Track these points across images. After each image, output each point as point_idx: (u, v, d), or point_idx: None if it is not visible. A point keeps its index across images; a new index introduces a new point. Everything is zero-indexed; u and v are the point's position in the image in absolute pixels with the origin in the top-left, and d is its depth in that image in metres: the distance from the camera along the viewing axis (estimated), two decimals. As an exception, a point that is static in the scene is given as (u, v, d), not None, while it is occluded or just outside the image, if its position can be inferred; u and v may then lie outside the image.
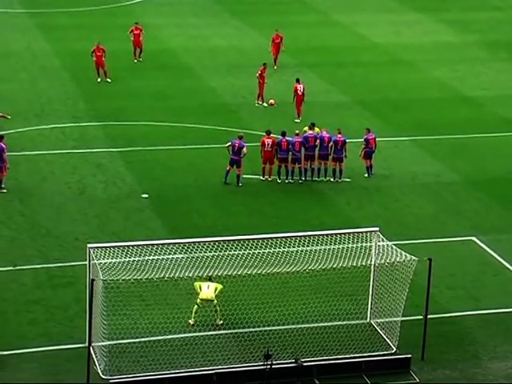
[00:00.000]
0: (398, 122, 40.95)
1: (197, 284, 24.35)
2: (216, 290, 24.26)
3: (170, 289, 25.03)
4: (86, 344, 22.45)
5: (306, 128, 35.18)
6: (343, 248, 24.18)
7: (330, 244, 24.28)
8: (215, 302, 24.32)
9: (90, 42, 46.10)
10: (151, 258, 23.59)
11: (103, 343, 22.61)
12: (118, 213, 31.30)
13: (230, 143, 33.66)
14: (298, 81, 40.37)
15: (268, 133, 34.42)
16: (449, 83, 46.74)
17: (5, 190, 32.24)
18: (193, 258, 23.92)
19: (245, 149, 33.45)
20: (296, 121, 38.76)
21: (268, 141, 34.07)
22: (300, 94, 39.75)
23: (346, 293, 25.65)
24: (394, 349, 23.79)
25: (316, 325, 24.53)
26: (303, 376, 22.59)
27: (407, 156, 37.39)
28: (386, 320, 24.25)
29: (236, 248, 23.80)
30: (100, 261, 22.63)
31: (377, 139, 35.07)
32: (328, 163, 34.43)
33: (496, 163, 36.95)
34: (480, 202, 33.35)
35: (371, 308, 24.84)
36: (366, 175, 34.76)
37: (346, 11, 59.92)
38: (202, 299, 24.24)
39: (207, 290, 24.18)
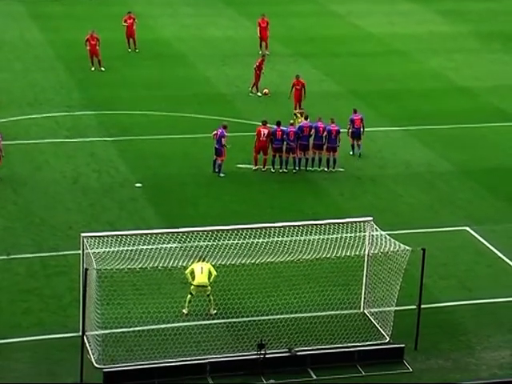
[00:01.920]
0: (392, 112, 40.95)
1: (188, 270, 24.20)
2: (210, 274, 24.16)
3: (163, 278, 25.03)
4: (80, 333, 22.43)
5: (300, 119, 35.27)
6: (337, 238, 24.18)
7: (324, 234, 24.29)
8: (209, 288, 24.29)
9: (83, 32, 45.97)
10: (145, 247, 23.58)
11: (97, 332, 22.61)
12: (112, 202, 31.27)
13: (214, 132, 33.64)
14: (297, 77, 39.74)
15: (264, 123, 34.37)
16: (443, 73, 46.75)
17: None
18: (186, 247, 23.92)
19: (223, 139, 33.15)
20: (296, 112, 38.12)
21: (264, 131, 34.02)
22: (298, 89, 39.10)
23: (340, 282, 25.68)
24: (388, 338, 23.83)
25: (309, 314, 24.56)
26: (297, 365, 22.62)
27: (401, 146, 37.40)
28: (380, 310, 24.29)
29: (230, 237, 23.79)
30: (94, 250, 22.61)
31: (364, 122, 35.27)
32: (322, 153, 34.45)
33: (490, 153, 36.98)
34: (474, 192, 33.39)
35: (365, 298, 24.87)
36: (351, 153, 34.82)
37: (341, 1, 59.82)
38: (196, 285, 24.16)
39: (201, 275, 24.08)
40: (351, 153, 35.38)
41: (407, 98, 43.08)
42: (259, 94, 41.77)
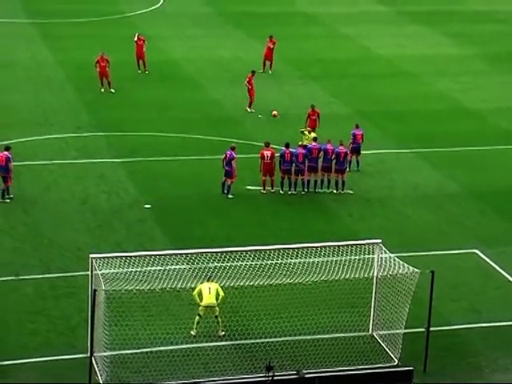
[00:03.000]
0: (399, 134, 40.99)
1: (196, 291, 24.20)
2: (218, 295, 24.17)
3: (171, 299, 25.02)
4: (88, 354, 22.44)
5: (310, 135, 35.40)
6: (345, 260, 24.18)
7: (332, 256, 24.28)
8: (217, 309, 24.28)
9: (93, 53, 46.19)
10: (153, 268, 23.59)
11: (105, 353, 22.59)
12: (121, 223, 31.32)
13: (224, 154, 33.74)
14: (313, 107, 39.02)
15: (267, 144, 34.45)
16: (451, 95, 46.80)
17: (10, 198, 32.30)
18: (195, 268, 23.94)
19: (233, 161, 33.23)
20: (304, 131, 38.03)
21: (267, 153, 34.07)
22: (313, 119, 38.58)
23: (348, 304, 25.63)
24: (396, 361, 23.76)
25: (318, 336, 24.51)
26: (305, 388, 22.56)
27: (409, 168, 37.41)
28: (388, 332, 24.23)
29: (238, 259, 23.79)
30: (102, 271, 22.64)
31: (364, 135, 35.76)
32: (331, 175, 34.48)
33: (498, 175, 36.97)
34: (482, 214, 33.34)
35: (373, 320, 24.82)
36: (348, 169, 34.86)
37: (350, 23, 60.03)
38: (204, 306, 24.16)
39: (209, 295, 24.08)
40: (348, 169, 35.04)
41: (415, 119, 43.13)
42: (260, 115, 41.87)
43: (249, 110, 42.56)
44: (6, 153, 32.69)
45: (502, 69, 51.87)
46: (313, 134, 35.86)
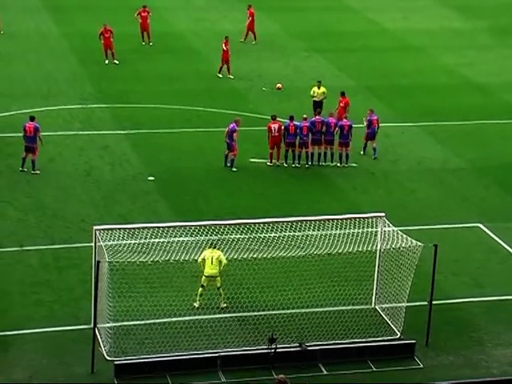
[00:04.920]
0: (405, 108, 40.84)
1: (200, 258, 24.15)
2: (220, 263, 24.19)
3: (175, 271, 25.06)
4: (91, 325, 22.52)
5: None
6: (349, 233, 24.17)
7: (336, 229, 24.27)
8: (219, 279, 24.29)
9: (97, 24, 46.01)
10: (157, 240, 23.62)
11: (108, 325, 22.67)
12: (125, 195, 31.33)
13: (227, 127, 33.65)
14: (343, 94, 37.20)
15: (273, 118, 34.36)
16: (457, 69, 46.58)
17: (38, 171, 32.35)
18: (198, 241, 23.95)
19: (234, 134, 33.07)
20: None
21: (274, 126, 34.00)
22: (342, 106, 36.73)
23: (351, 278, 25.66)
24: (399, 334, 23.81)
25: (321, 309, 24.55)
26: (307, 360, 22.63)
27: (414, 142, 37.31)
28: (391, 305, 24.26)
29: (242, 232, 23.81)
30: (106, 243, 22.66)
31: (380, 122, 35.03)
32: (334, 148, 34.41)
33: (504, 150, 36.84)
34: (487, 189, 33.28)
35: (376, 293, 24.85)
36: (362, 152, 34.61)
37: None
38: (206, 276, 24.21)
39: (211, 265, 24.10)
40: (362, 152, 34.99)
41: (421, 93, 42.95)
42: (231, 76, 42.21)
43: (219, 75, 42.91)
44: (32, 123, 32.54)
45: (508, 42, 51.57)
46: (322, 89, 37.17)
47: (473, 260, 28.18)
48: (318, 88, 37.96)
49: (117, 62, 44.53)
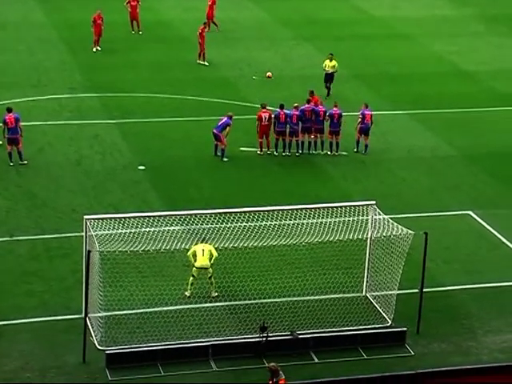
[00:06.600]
0: (395, 96, 40.86)
1: (190, 252, 24.23)
2: (211, 256, 24.21)
3: (166, 261, 25.06)
4: (83, 315, 22.49)
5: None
6: (339, 221, 24.19)
7: (327, 217, 24.29)
8: (211, 270, 24.33)
9: (86, 13, 45.92)
10: (148, 229, 23.60)
11: (99, 314, 22.66)
12: (115, 184, 31.27)
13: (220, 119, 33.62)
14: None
15: (263, 106, 34.32)
16: (447, 57, 46.61)
17: (26, 162, 32.19)
18: (189, 230, 23.95)
19: (228, 128, 33.03)
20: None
21: (265, 115, 33.96)
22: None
23: (342, 266, 25.71)
24: (390, 322, 23.88)
25: (312, 298, 24.59)
26: (299, 348, 22.68)
27: (404, 130, 37.35)
28: (382, 293, 24.32)
29: (232, 220, 23.80)
30: (96, 232, 22.63)
31: (373, 115, 34.65)
32: (324, 136, 34.40)
33: (493, 138, 36.93)
34: (476, 177, 33.36)
35: (367, 281, 24.91)
36: (355, 150, 34.52)
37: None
38: (197, 267, 24.23)
39: (202, 257, 24.14)
40: (355, 150, 34.54)
41: (410, 81, 42.97)
42: (206, 63, 42.26)
43: (198, 62, 43.04)
44: (12, 114, 32.26)
45: (498, 30, 51.62)
46: (334, 62, 39.15)
47: (463, 247, 28.26)
48: (330, 61, 39.36)
49: (99, 49, 44.43)
